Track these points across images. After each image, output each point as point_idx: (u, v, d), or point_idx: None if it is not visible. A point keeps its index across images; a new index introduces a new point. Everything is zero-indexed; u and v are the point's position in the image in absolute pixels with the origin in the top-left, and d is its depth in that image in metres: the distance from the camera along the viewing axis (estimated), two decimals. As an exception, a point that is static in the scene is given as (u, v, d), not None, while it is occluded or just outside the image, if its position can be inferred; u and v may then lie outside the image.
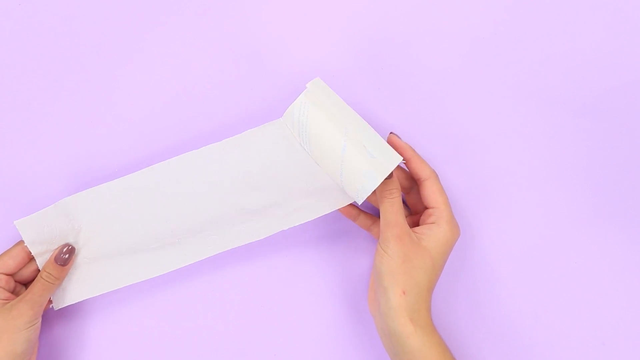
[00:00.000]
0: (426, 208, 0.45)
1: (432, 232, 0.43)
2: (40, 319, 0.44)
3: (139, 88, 0.51)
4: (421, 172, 0.44)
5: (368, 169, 0.42)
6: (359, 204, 0.44)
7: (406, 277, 0.41)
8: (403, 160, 0.43)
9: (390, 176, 0.42)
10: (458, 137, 0.51)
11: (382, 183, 0.42)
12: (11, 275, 0.45)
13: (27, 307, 0.42)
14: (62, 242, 0.46)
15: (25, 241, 0.45)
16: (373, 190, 0.42)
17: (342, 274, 0.49)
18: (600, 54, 0.52)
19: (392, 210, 0.42)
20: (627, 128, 0.51)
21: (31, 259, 0.45)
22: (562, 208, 0.49)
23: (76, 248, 0.46)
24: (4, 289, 0.44)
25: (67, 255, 0.45)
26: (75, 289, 0.46)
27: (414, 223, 0.46)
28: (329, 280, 0.49)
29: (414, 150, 0.45)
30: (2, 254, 0.45)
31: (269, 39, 0.52)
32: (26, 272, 0.46)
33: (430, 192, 0.44)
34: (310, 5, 0.53)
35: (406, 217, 0.44)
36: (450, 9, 0.53)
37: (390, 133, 0.46)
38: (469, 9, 0.53)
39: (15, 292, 0.45)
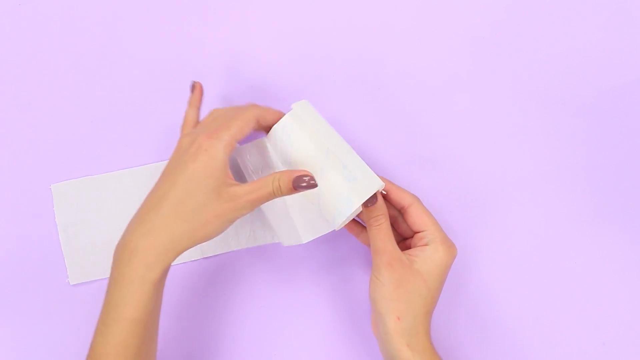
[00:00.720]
0: (415, 233, 0.44)
1: (426, 255, 0.42)
2: None
3: (138, 88, 0.51)
4: (403, 200, 0.43)
5: (346, 193, 0.40)
6: (337, 230, 0.43)
7: (400, 302, 0.40)
8: (384, 190, 0.42)
9: (374, 202, 0.41)
10: (457, 137, 0.51)
11: (368, 210, 0.41)
12: None
13: (249, 207, 0.39)
14: (85, 219, 0.48)
15: (55, 207, 0.49)
16: (349, 214, 0.41)
17: (342, 275, 0.49)
18: (600, 54, 0.52)
19: (380, 237, 0.41)
20: (627, 128, 0.51)
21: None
22: (561, 208, 0.49)
23: (96, 226, 0.48)
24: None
25: (305, 184, 0.39)
26: (90, 267, 0.48)
27: (406, 247, 0.45)
28: (330, 282, 0.49)
29: (390, 182, 0.44)
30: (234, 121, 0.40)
31: (266, 48, 0.52)
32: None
33: (416, 217, 0.43)
34: (310, 10, 0.53)
35: (398, 243, 0.43)
36: (450, 9, 0.53)
37: None
38: (469, 9, 0.53)
39: None
